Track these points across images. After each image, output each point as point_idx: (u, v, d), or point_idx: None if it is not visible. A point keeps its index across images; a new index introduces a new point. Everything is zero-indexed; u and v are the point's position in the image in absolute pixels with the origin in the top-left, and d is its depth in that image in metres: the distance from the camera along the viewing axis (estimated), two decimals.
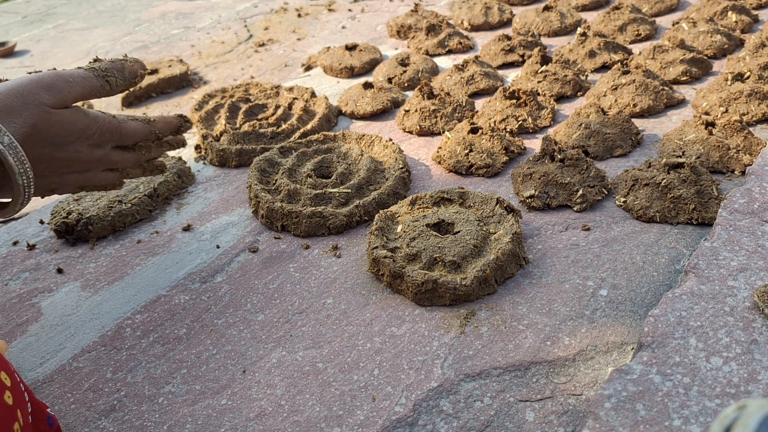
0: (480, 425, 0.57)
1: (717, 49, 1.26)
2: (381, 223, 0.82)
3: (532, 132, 1.08)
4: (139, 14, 2.16)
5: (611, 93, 1.11)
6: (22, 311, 0.80)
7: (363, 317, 0.72)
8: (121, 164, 0.72)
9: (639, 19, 1.43)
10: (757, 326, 0.58)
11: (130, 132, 0.69)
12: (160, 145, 0.75)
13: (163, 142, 0.75)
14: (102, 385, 0.67)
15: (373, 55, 1.45)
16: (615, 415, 0.52)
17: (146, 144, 0.72)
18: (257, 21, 1.93)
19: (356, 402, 0.61)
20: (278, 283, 0.80)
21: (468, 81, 1.24)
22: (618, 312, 0.68)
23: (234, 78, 1.51)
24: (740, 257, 0.66)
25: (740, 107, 1.01)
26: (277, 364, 0.67)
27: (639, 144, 1.00)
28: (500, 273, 0.74)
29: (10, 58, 1.84)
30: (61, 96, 0.61)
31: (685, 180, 0.83)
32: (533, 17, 1.54)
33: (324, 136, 1.07)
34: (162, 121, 0.73)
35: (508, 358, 0.64)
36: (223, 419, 0.61)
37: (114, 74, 0.67)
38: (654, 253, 0.76)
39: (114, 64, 0.68)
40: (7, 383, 0.46)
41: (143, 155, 0.73)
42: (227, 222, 0.94)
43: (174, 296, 0.79)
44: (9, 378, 0.47)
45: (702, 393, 0.52)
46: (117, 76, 0.67)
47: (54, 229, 0.93)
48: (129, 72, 0.68)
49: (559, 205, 0.87)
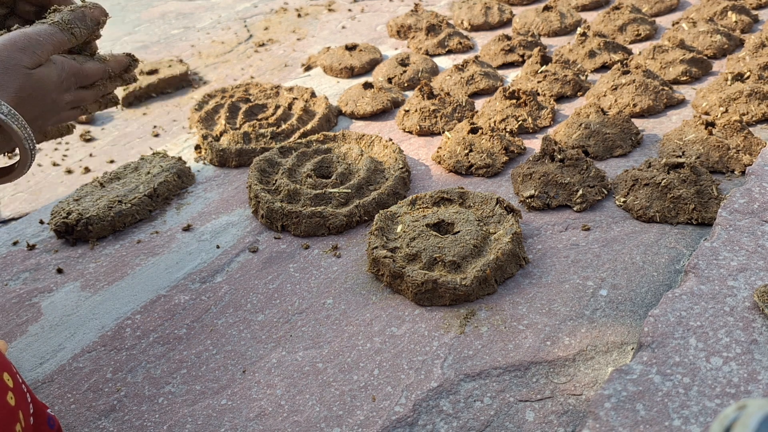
0: (480, 425, 0.57)
1: (717, 49, 1.26)
2: (381, 223, 0.82)
3: (532, 132, 1.08)
4: (139, 14, 2.16)
5: (611, 93, 1.11)
6: (22, 311, 0.80)
7: (363, 317, 0.72)
8: (84, 102, 0.77)
9: (639, 19, 1.43)
10: (757, 326, 0.58)
11: (90, 73, 0.74)
12: (113, 81, 0.80)
13: (116, 78, 0.80)
14: (102, 385, 0.67)
15: (373, 55, 1.45)
16: (615, 415, 0.52)
17: (102, 82, 0.77)
18: (257, 21, 1.93)
19: (356, 402, 0.61)
20: (278, 283, 0.80)
21: (468, 81, 1.24)
22: (618, 312, 0.68)
23: (234, 78, 1.51)
24: (740, 257, 0.66)
25: (740, 107, 1.01)
26: (277, 364, 0.67)
27: (639, 144, 1.00)
28: (500, 273, 0.74)
29: None
30: (36, 56, 0.64)
31: (685, 180, 0.83)
32: (533, 17, 1.54)
33: (324, 136, 1.07)
34: (114, 60, 0.78)
35: (508, 358, 0.64)
36: (223, 419, 0.61)
37: (77, 24, 0.70)
38: (654, 253, 0.76)
39: (75, 14, 0.71)
40: (9, 384, 0.46)
41: (100, 91, 0.78)
42: (227, 222, 0.94)
43: (174, 296, 0.79)
44: (11, 379, 0.47)
45: (702, 393, 0.52)
46: (80, 26, 0.70)
47: (54, 229, 0.93)
48: (90, 19, 0.71)
49: (559, 205, 0.87)
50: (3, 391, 0.45)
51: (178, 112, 1.34)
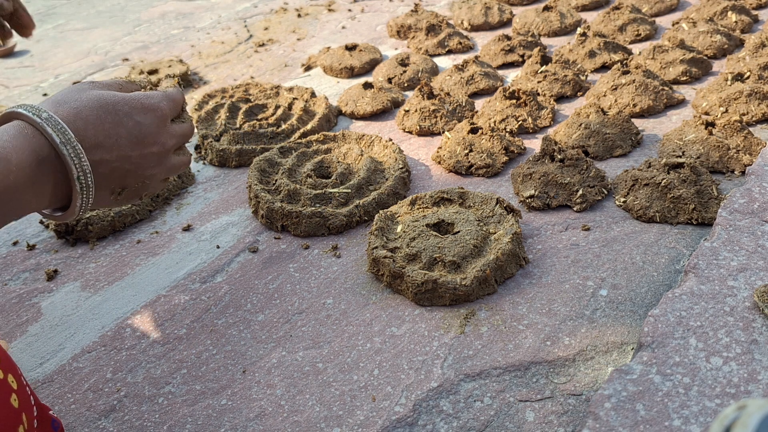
0: (480, 425, 0.57)
1: (717, 49, 1.26)
2: (381, 223, 0.82)
3: (532, 132, 1.08)
4: (139, 14, 2.16)
5: (611, 93, 1.11)
6: (22, 311, 0.80)
7: (363, 317, 0.72)
8: (182, 168, 0.64)
9: (639, 19, 1.43)
10: (757, 326, 0.58)
11: (177, 98, 0.62)
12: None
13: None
14: (102, 385, 0.67)
15: (373, 55, 1.45)
16: (615, 415, 0.52)
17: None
18: (257, 21, 1.93)
19: (356, 402, 0.61)
20: (278, 283, 0.80)
21: (468, 81, 1.24)
22: (618, 312, 0.68)
23: (234, 78, 1.51)
24: (740, 257, 0.66)
25: (740, 107, 1.01)
26: (277, 364, 0.67)
27: (639, 144, 1.00)
28: (500, 273, 0.74)
29: (10, 58, 1.84)
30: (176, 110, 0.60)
31: (685, 180, 0.83)
32: (533, 17, 1.54)
33: (324, 136, 1.07)
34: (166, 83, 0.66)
35: (508, 358, 0.64)
36: (223, 419, 0.61)
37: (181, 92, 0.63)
38: (654, 253, 0.76)
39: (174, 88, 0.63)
40: (13, 386, 0.46)
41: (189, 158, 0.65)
42: (227, 222, 0.94)
43: (174, 296, 0.79)
44: (16, 381, 0.47)
45: (702, 393, 0.52)
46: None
47: (54, 229, 0.93)
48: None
49: (559, 205, 0.87)
50: (7, 392, 0.45)
51: None
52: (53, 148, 0.50)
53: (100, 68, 1.67)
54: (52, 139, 0.50)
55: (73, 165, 0.51)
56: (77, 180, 0.52)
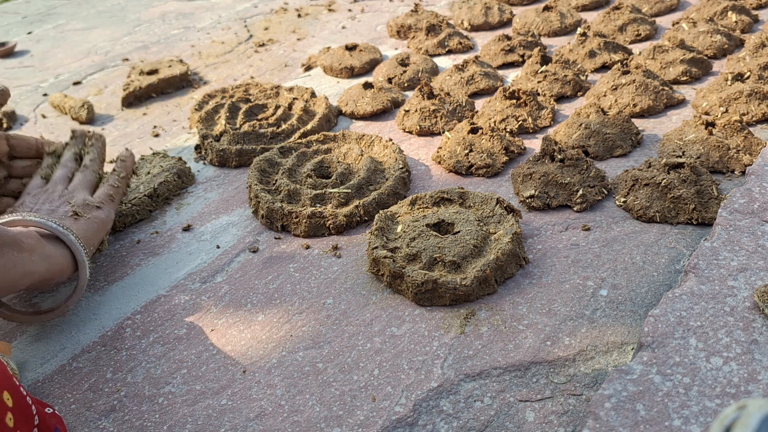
0: (480, 425, 0.57)
1: (717, 49, 1.26)
2: (381, 223, 0.82)
3: (532, 132, 1.08)
4: (139, 14, 2.16)
5: (611, 93, 1.11)
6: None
7: (363, 317, 0.72)
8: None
9: (639, 19, 1.43)
10: (757, 326, 0.58)
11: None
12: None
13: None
14: (102, 385, 0.67)
15: (373, 55, 1.45)
16: (615, 415, 0.52)
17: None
18: (257, 21, 1.93)
19: (356, 402, 0.61)
20: (278, 283, 0.80)
21: (468, 81, 1.24)
22: (618, 312, 0.68)
23: (234, 78, 1.51)
24: (740, 257, 0.66)
25: (740, 107, 1.01)
26: (277, 364, 0.67)
27: (639, 144, 1.00)
28: (500, 273, 0.74)
29: (10, 58, 1.84)
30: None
31: (685, 180, 0.83)
32: (533, 17, 1.54)
33: (324, 136, 1.07)
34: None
35: (508, 358, 0.64)
36: (223, 419, 0.61)
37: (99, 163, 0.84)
38: (654, 253, 0.76)
39: (95, 152, 0.87)
40: (8, 404, 0.45)
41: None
42: (227, 222, 0.94)
43: (174, 296, 0.79)
44: (11, 398, 0.46)
45: (702, 393, 0.52)
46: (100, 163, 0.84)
47: None
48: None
49: (559, 205, 0.87)
50: (2, 412, 0.44)
51: (178, 113, 1.34)
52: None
53: (100, 68, 1.67)
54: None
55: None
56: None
